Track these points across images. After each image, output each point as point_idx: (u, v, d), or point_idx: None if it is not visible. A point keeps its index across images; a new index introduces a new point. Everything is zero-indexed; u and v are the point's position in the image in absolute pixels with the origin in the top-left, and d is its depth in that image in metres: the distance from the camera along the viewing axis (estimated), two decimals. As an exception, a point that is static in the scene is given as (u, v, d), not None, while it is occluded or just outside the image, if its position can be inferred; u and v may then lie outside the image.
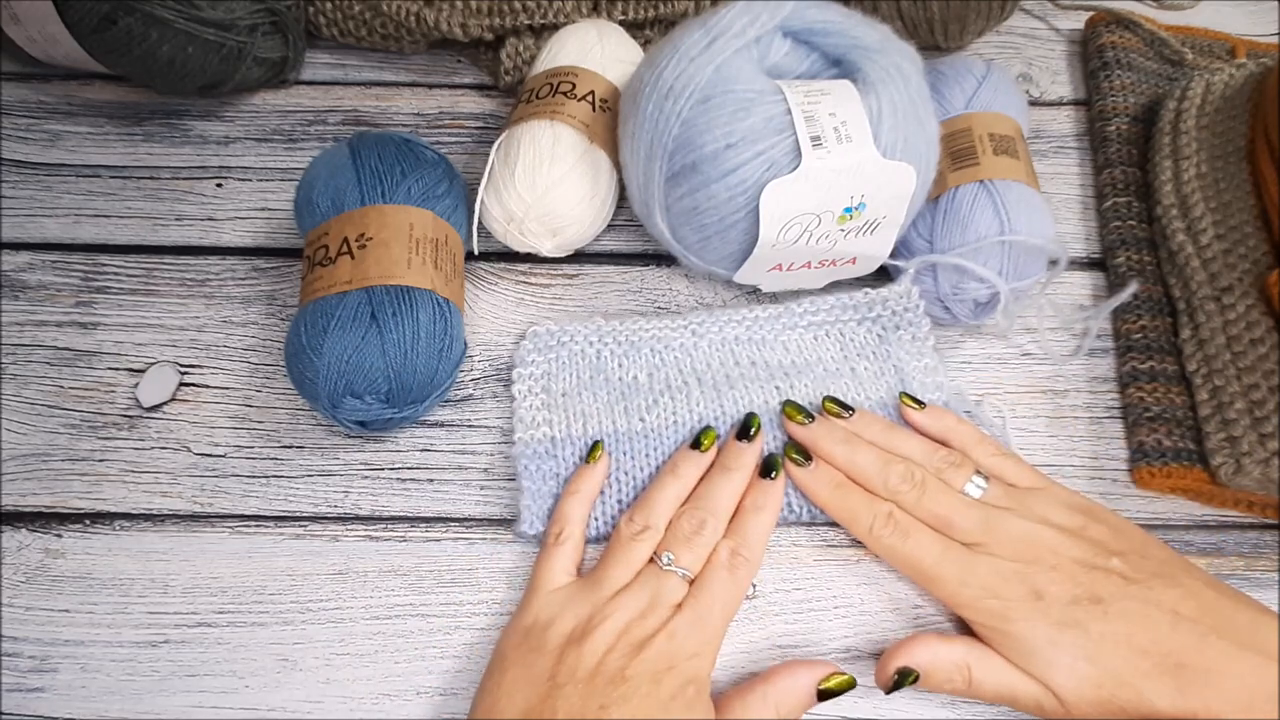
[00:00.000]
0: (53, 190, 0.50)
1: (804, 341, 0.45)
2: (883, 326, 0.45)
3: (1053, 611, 0.35)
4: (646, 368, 0.44)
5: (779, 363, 0.44)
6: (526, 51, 0.52)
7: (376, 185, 0.42)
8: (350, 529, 0.42)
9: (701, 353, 0.44)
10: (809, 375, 0.43)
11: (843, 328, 0.45)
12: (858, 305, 0.45)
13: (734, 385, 0.43)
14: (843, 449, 0.39)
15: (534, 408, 0.43)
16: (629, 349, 0.44)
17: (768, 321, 0.45)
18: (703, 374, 0.43)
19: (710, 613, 0.36)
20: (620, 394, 0.43)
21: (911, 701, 0.38)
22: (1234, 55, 0.55)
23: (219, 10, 0.47)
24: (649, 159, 0.41)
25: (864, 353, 0.44)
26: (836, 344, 0.45)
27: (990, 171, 0.43)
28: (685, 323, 0.44)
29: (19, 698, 0.38)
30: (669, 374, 0.43)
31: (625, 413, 0.42)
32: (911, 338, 0.44)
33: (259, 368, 0.45)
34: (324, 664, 0.39)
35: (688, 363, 0.44)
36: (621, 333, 0.44)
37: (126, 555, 0.41)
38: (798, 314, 0.45)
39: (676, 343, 0.44)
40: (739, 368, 0.43)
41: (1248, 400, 0.41)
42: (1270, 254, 0.43)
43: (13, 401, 0.44)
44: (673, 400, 0.43)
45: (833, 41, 0.41)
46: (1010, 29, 0.57)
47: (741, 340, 0.44)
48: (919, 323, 0.44)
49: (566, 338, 0.44)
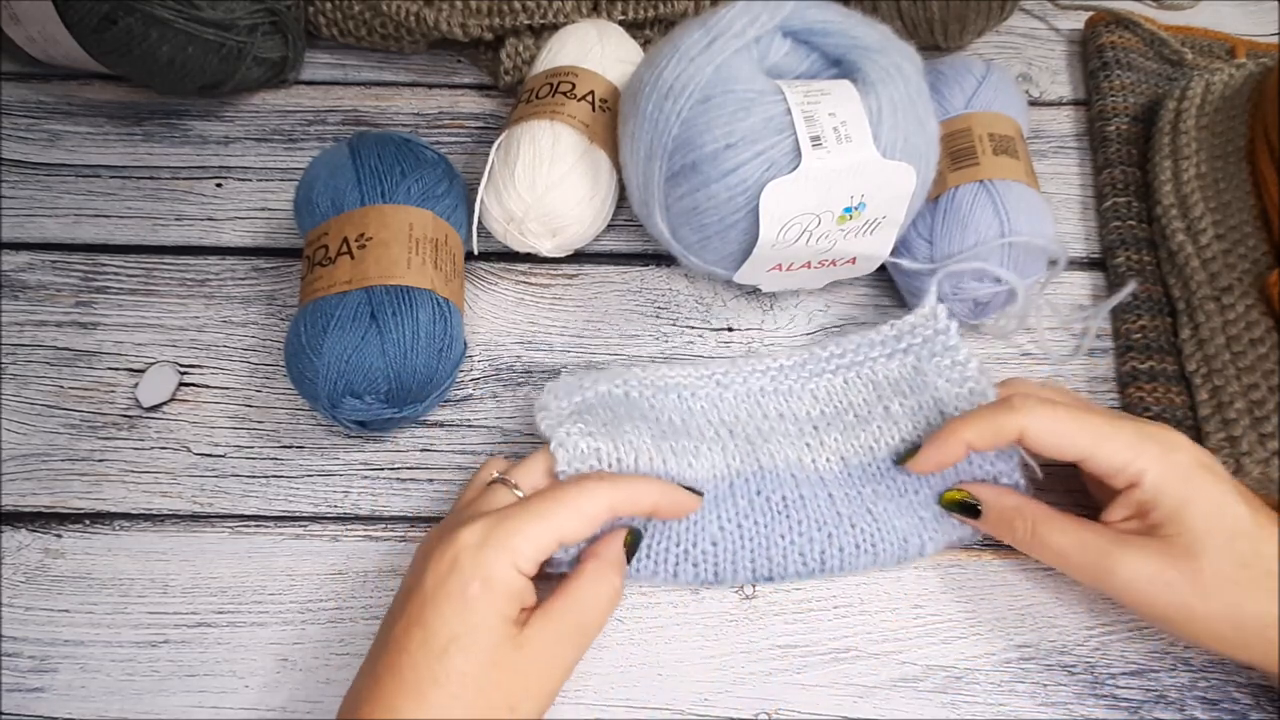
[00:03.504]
0: (53, 190, 0.50)
1: (833, 388, 0.42)
2: (916, 356, 0.42)
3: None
4: (679, 412, 0.41)
5: (807, 414, 0.42)
6: (526, 51, 0.52)
7: (376, 185, 0.42)
8: (350, 529, 0.42)
9: (728, 405, 0.42)
10: (839, 424, 0.41)
11: (873, 366, 0.42)
12: (885, 340, 0.42)
13: (766, 440, 0.41)
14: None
15: (575, 435, 0.38)
16: (656, 391, 0.41)
17: (793, 370, 0.43)
18: (733, 426, 0.41)
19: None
20: (662, 432, 0.40)
21: (911, 701, 0.38)
22: (1234, 55, 0.55)
23: (219, 10, 0.47)
24: (649, 159, 0.41)
25: (898, 389, 0.42)
26: (867, 385, 0.42)
27: (990, 171, 0.43)
28: (709, 373, 0.42)
29: (19, 698, 0.38)
30: (700, 423, 0.41)
31: (674, 453, 0.39)
32: (950, 363, 0.41)
33: (259, 368, 0.45)
34: (324, 664, 0.39)
35: (715, 414, 0.41)
36: (645, 378, 0.41)
37: (126, 555, 0.41)
38: (823, 359, 0.43)
39: (702, 393, 0.42)
40: (767, 421, 0.41)
41: (1248, 400, 0.41)
42: (1270, 254, 0.43)
43: (13, 401, 0.44)
44: (710, 451, 0.40)
45: (833, 41, 0.41)
46: (1010, 29, 0.57)
47: (768, 392, 0.42)
48: (954, 346, 0.41)
49: (589, 381, 0.40)
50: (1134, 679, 0.39)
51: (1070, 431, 0.36)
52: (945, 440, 0.37)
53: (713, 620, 0.40)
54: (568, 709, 0.38)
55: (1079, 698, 0.38)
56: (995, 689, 0.39)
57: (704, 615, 0.40)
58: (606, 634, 0.39)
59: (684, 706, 0.38)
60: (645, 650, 0.39)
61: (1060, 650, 0.39)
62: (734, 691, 0.38)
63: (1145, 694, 0.38)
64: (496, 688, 0.32)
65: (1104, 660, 0.39)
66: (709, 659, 0.39)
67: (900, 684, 0.39)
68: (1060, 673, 0.39)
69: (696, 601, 0.40)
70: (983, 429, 0.37)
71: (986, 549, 0.41)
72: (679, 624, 0.40)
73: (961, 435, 0.37)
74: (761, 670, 0.39)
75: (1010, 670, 0.39)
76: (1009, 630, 0.40)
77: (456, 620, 0.32)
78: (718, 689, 0.38)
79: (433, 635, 0.32)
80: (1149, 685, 0.39)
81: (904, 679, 0.39)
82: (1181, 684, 0.39)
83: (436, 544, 0.34)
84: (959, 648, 0.39)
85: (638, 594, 0.40)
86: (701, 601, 0.40)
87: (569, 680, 0.38)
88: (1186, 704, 0.38)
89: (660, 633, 0.40)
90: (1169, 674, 0.39)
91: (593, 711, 0.38)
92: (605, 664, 0.39)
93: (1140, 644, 0.39)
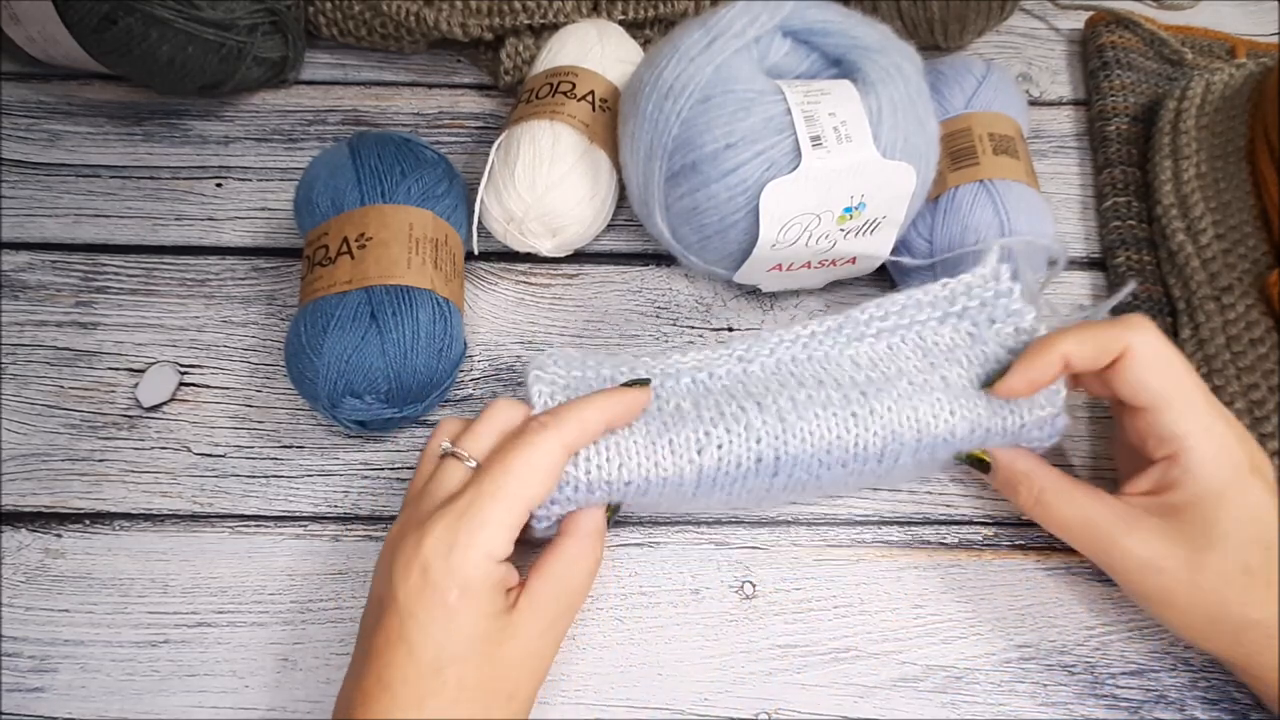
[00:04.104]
0: (53, 190, 0.50)
1: (877, 353, 0.37)
2: (972, 322, 0.37)
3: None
4: (690, 396, 0.36)
5: (851, 380, 0.36)
6: (526, 51, 0.52)
7: (376, 185, 0.42)
8: (350, 529, 0.42)
9: (755, 379, 0.36)
10: (890, 393, 0.35)
11: (920, 330, 0.38)
12: (935, 300, 0.37)
13: (802, 414, 0.34)
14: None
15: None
16: (665, 379, 0.37)
17: (827, 336, 0.38)
18: (761, 398, 0.35)
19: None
20: (662, 426, 0.35)
21: (911, 701, 0.38)
22: (1234, 55, 0.55)
23: (219, 10, 0.47)
24: (649, 159, 0.41)
25: (953, 357, 0.37)
26: (917, 350, 0.37)
27: (990, 171, 0.43)
28: (729, 351, 0.38)
29: (19, 698, 0.38)
30: (719, 400, 0.35)
31: (671, 450, 0.34)
32: (1014, 330, 0.37)
33: (259, 368, 0.45)
34: (324, 664, 0.39)
35: (740, 388, 0.36)
36: (654, 367, 0.37)
37: (126, 555, 0.41)
38: (862, 322, 0.38)
39: (721, 369, 0.37)
40: (804, 389, 0.35)
41: (1248, 400, 0.41)
42: (1270, 254, 0.43)
43: (13, 401, 0.44)
44: (728, 433, 0.34)
45: (833, 41, 0.41)
46: (1010, 29, 0.57)
47: (800, 360, 0.37)
48: (1020, 311, 0.36)
49: (594, 362, 0.37)
50: (1134, 679, 0.39)
51: (1169, 370, 0.34)
52: (1041, 355, 0.35)
53: (713, 620, 0.40)
54: (568, 709, 0.38)
55: (1079, 698, 0.38)
56: (995, 689, 0.39)
57: (704, 615, 0.40)
58: (606, 634, 0.39)
59: (684, 706, 0.38)
60: (645, 650, 0.39)
61: (1060, 650, 0.39)
62: (734, 691, 0.38)
63: (1145, 694, 0.38)
64: (495, 682, 0.32)
65: (1104, 660, 0.39)
66: (709, 659, 0.39)
67: (900, 684, 0.39)
68: (1060, 673, 0.39)
69: (696, 601, 0.40)
70: (1086, 342, 0.34)
71: (986, 549, 0.42)
72: (679, 624, 0.40)
73: (1060, 348, 0.35)
74: (761, 670, 0.39)
75: (1010, 670, 0.39)
76: (1009, 630, 0.40)
77: (442, 635, 0.31)
78: (718, 689, 0.39)
79: (420, 651, 0.31)
80: (1149, 685, 0.39)
81: (904, 679, 0.39)
82: (1181, 684, 0.39)
83: (399, 547, 0.32)
84: (959, 648, 0.39)
85: (637, 594, 0.40)
86: (701, 601, 0.40)
87: (569, 681, 0.38)
88: (1186, 704, 0.38)
89: (660, 633, 0.40)
90: (1169, 674, 0.39)
91: (593, 711, 0.38)
92: (605, 664, 0.39)
93: (1140, 644, 0.39)
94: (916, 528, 0.42)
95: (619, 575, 0.41)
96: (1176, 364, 0.35)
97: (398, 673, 0.31)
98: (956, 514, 0.42)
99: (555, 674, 0.38)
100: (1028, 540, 0.41)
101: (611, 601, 0.40)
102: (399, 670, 0.31)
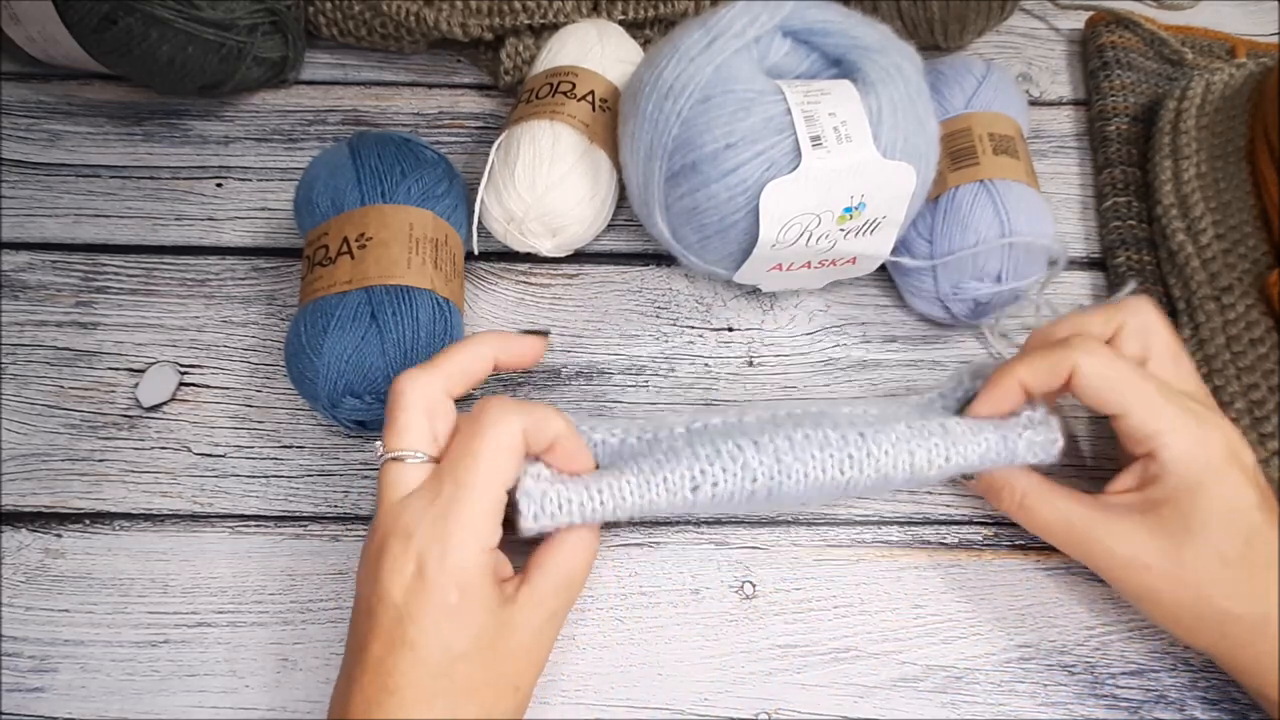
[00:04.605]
0: (53, 190, 0.50)
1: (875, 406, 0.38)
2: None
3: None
4: (684, 438, 0.36)
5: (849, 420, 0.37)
6: (526, 51, 0.52)
7: (376, 185, 0.42)
8: (350, 529, 0.42)
9: (751, 422, 0.37)
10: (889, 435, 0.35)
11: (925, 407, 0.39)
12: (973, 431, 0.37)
13: (799, 455, 0.35)
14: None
15: (540, 478, 0.34)
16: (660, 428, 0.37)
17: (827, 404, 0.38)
18: (758, 437, 0.35)
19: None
20: (656, 464, 0.35)
21: (911, 701, 0.38)
22: (1234, 55, 0.55)
23: (219, 10, 0.47)
24: (649, 159, 0.41)
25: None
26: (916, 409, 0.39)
27: (990, 171, 0.43)
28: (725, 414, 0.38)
29: (19, 698, 0.38)
30: (714, 438, 0.35)
31: (666, 489, 0.34)
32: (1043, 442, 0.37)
33: (259, 368, 0.45)
34: (324, 664, 0.39)
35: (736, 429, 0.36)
36: (647, 428, 0.37)
37: (126, 555, 0.41)
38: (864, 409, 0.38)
39: (717, 419, 0.37)
40: (801, 429, 0.35)
41: (1248, 400, 0.41)
42: (1270, 254, 0.43)
43: (13, 401, 0.44)
44: (724, 472, 0.34)
45: (833, 41, 0.41)
46: (1010, 29, 0.57)
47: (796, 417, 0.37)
48: (1049, 423, 0.37)
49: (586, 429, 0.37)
50: (1134, 679, 0.39)
51: (1119, 381, 0.35)
52: (1000, 385, 0.36)
53: (713, 620, 0.40)
54: (567, 709, 0.38)
55: (1079, 698, 0.38)
56: (995, 689, 0.39)
57: (704, 615, 0.40)
58: (606, 634, 0.40)
59: (684, 706, 0.38)
60: (645, 650, 0.39)
61: (1060, 650, 0.39)
62: (734, 691, 0.39)
63: (1145, 694, 0.38)
64: (501, 674, 0.32)
65: (1104, 660, 0.39)
66: (709, 659, 0.39)
67: (900, 684, 0.39)
68: (1060, 673, 0.39)
69: (696, 601, 0.40)
70: (1037, 367, 0.36)
71: (986, 549, 0.42)
72: (679, 624, 0.40)
73: (1016, 374, 0.36)
74: (761, 670, 0.39)
75: (1010, 670, 0.39)
76: (1009, 630, 0.40)
77: (448, 634, 0.31)
78: (718, 689, 0.39)
79: (425, 653, 0.30)
80: (1149, 685, 0.39)
81: (904, 679, 0.39)
82: (1181, 684, 0.39)
83: (385, 552, 0.31)
84: (959, 648, 0.39)
85: (637, 594, 0.40)
86: (701, 601, 0.40)
87: (569, 681, 0.38)
88: (1186, 704, 0.38)
89: (660, 633, 0.40)
90: (1169, 674, 0.39)
91: (593, 711, 0.38)
92: (605, 664, 0.39)
93: (1140, 644, 0.39)
94: (916, 528, 0.42)
95: (619, 575, 0.41)
96: (1125, 374, 0.35)
97: (403, 677, 0.30)
98: (956, 514, 0.42)
99: (555, 674, 0.39)
100: (1028, 540, 0.41)
101: (611, 601, 0.40)
102: (404, 674, 0.30)
